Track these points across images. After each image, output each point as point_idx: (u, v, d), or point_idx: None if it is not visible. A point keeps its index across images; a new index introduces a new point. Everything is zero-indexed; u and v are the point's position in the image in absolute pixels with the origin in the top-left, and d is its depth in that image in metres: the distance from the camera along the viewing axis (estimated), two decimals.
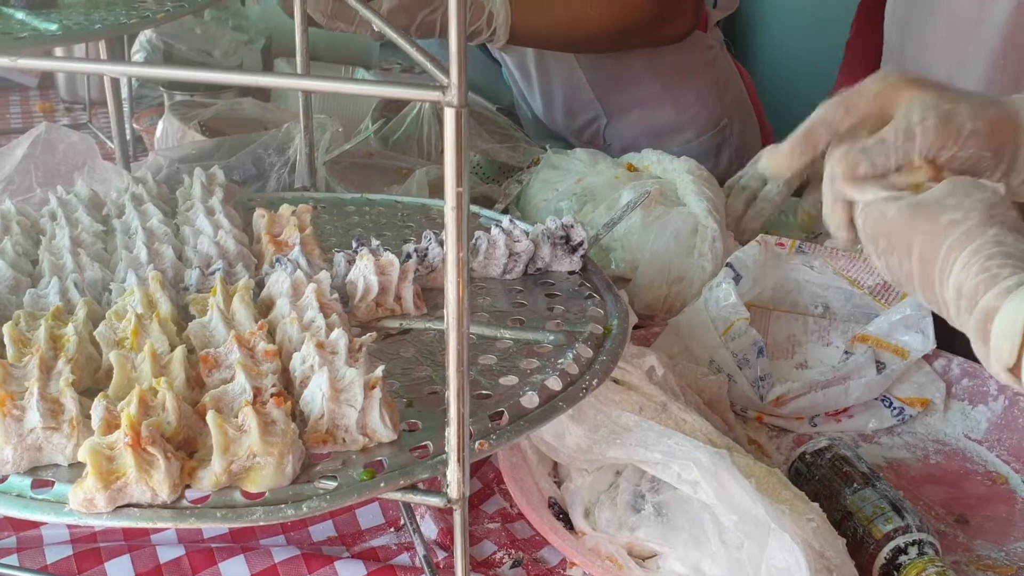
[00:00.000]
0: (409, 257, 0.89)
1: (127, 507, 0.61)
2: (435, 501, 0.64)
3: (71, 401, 0.65)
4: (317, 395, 0.67)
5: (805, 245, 1.16)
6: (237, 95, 1.60)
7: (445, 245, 0.57)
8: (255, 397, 0.66)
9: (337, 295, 0.81)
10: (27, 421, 0.64)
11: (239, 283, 0.82)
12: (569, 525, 0.85)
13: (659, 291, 1.17)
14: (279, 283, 0.82)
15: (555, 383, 0.75)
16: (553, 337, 0.81)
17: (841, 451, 0.90)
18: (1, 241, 0.89)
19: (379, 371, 0.68)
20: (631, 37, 1.56)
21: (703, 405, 0.95)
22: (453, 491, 0.63)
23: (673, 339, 1.10)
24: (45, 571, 0.82)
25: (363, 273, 0.85)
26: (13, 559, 0.83)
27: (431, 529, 0.87)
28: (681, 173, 1.28)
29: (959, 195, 0.65)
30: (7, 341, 0.73)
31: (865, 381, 1.05)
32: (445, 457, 0.63)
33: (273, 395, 0.67)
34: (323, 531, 0.88)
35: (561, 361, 0.77)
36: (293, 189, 1.24)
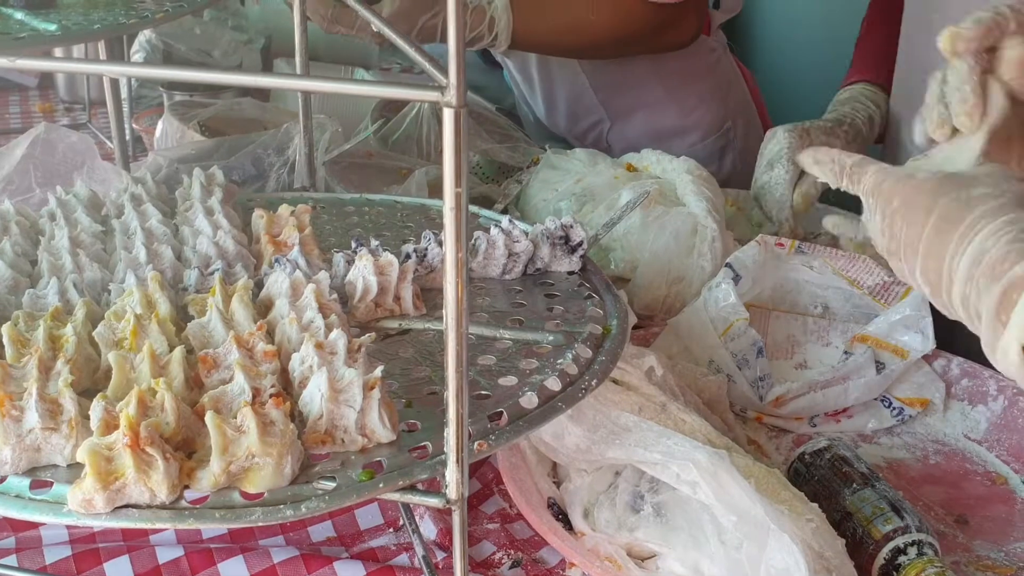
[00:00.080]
0: (408, 257, 0.89)
1: (126, 508, 0.61)
2: (434, 502, 0.64)
3: (70, 402, 0.65)
4: (316, 396, 0.67)
5: (805, 245, 1.16)
6: (236, 95, 1.60)
7: (444, 245, 0.57)
8: (254, 398, 0.66)
9: (336, 295, 0.81)
10: (26, 422, 0.64)
11: (238, 283, 0.82)
12: (568, 526, 0.85)
13: (658, 291, 1.17)
14: (278, 283, 0.82)
15: (554, 383, 0.75)
16: (552, 337, 0.81)
17: (840, 451, 0.90)
18: (0, 241, 0.89)
19: (378, 371, 0.68)
20: (634, 44, 1.55)
21: (702, 405, 0.95)
22: (452, 492, 0.63)
23: (672, 339, 1.10)
24: (44, 572, 0.82)
25: (362, 273, 0.85)
26: (12, 559, 0.83)
27: (430, 529, 0.87)
28: (680, 173, 1.28)
29: (997, 177, 0.65)
30: (6, 341, 0.73)
31: (864, 381, 1.05)
32: (444, 458, 0.63)
33: (272, 396, 0.67)
34: (322, 532, 0.88)
35: (560, 361, 0.77)
36: (292, 189, 1.24)
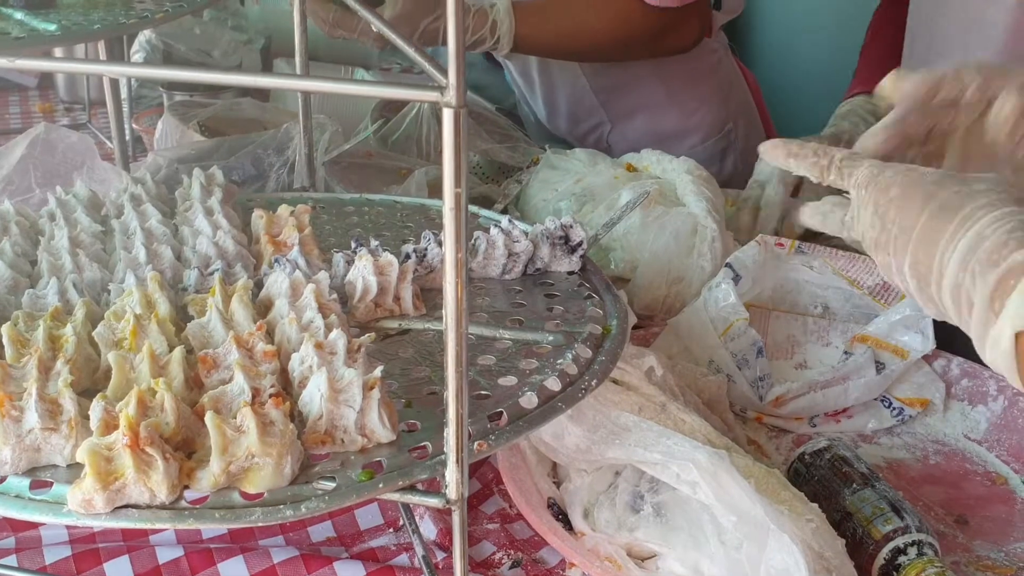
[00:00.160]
0: (408, 257, 0.89)
1: (126, 508, 0.61)
2: (434, 502, 0.64)
3: (69, 402, 0.65)
4: (316, 396, 0.67)
5: (804, 245, 1.16)
6: (236, 95, 1.60)
7: (444, 245, 0.57)
8: (254, 398, 0.66)
9: (336, 295, 0.81)
10: (25, 422, 0.64)
11: (238, 283, 0.82)
12: (568, 526, 0.85)
13: (658, 291, 1.17)
14: (278, 283, 0.82)
15: (554, 383, 0.75)
16: (552, 337, 0.81)
17: (840, 451, 0.90)
18: (0, 241, 0.89)
19: (378, 371, 0.68)
20: (635, 48, 1.55)
21: (702, 405, 0.95)
22: (452, 492, 0.63)
23: (672, 339, 1.09)
24: (44, 572, 0.82)
25: (362, 273, 0.85)
26: (12, 560, 0.83)
27: (430, 530, 0.87)
28: (680, 173, 1.28)
29: (994, 180, 0.66)
30: (5, 342, 0.73)
31: (864, 381, 1.05)
32: (444, 458, 0.63)
33: (272, 396, 0.67)
34: (322, 532, 0.88)
35: (560, 361, 0.77)
36: (292, 189, 1.24)
